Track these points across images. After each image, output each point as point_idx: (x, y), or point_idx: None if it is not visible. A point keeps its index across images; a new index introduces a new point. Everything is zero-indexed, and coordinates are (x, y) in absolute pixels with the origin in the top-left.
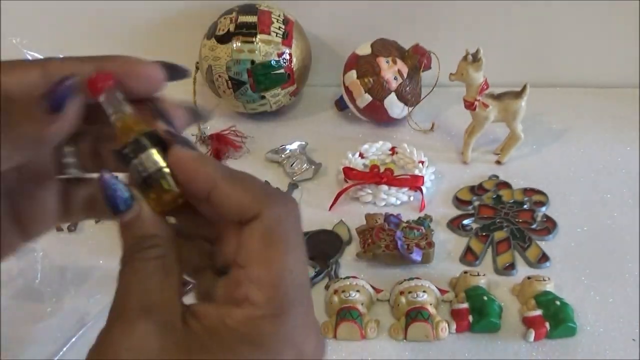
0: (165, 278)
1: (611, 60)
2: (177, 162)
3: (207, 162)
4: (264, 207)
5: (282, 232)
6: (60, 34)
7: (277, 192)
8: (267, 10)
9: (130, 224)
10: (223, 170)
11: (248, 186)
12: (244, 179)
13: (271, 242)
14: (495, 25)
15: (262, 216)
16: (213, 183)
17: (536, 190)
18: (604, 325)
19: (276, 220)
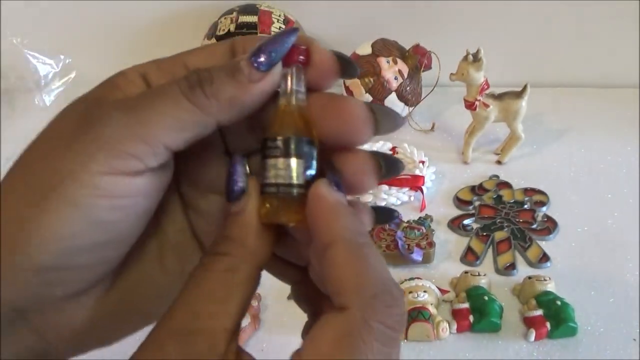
0: (224, 302)
1: (611, 60)
2: (314, 198)
3: (341, 216)
4: (358, 305)
5: (363, 340)
6: (60, 34)
7: (383, 294)
8: (267, 10)
9: (226, 219)
10: (353, 235)
11: (363, 270)
12: (366, 260)
13: (343, 347)
14: (496, 25)
15: (349, 313)
16: (332, 244)
17: (537, 190)
18: (605, 325)
19: (361, 324)
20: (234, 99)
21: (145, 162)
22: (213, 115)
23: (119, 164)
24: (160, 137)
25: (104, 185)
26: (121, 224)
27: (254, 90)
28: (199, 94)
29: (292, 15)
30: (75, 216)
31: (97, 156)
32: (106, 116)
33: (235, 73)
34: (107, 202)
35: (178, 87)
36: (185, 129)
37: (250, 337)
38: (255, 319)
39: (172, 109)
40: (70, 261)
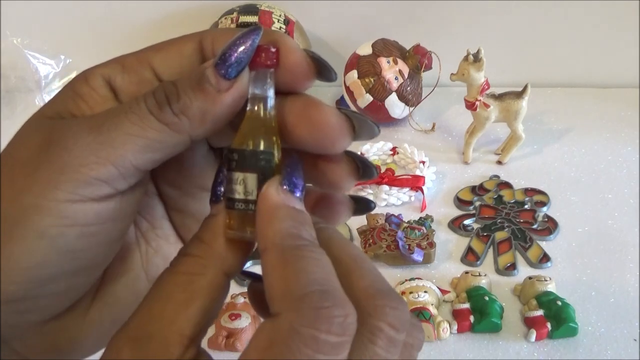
0: (185, 306)
1: (611, 60)
2: (259, 201)
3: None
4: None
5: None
6: (60, 34)
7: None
8: (267, 11)
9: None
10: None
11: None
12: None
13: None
14: (496, 25)
15: (277, 320)
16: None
17: (537, 191)
18: (605, 326)
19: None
20: (205, 114)
21: (115, 186)
22: (185, 133)
23: (86, 191)
24: (129, 159)
25: (71, 214)
26: (92, 251)
27: (224, 100)
28: (167, 111)
29: (292, 15)
30: (42, 246)
31: (63, 184)
32: (70, 139)
33: (202, 84)
34: (75, 230)
35: (145, 105)
36: (157, 149)
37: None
38: (255, 319)
39: (141, 130)
40: (40, 290)
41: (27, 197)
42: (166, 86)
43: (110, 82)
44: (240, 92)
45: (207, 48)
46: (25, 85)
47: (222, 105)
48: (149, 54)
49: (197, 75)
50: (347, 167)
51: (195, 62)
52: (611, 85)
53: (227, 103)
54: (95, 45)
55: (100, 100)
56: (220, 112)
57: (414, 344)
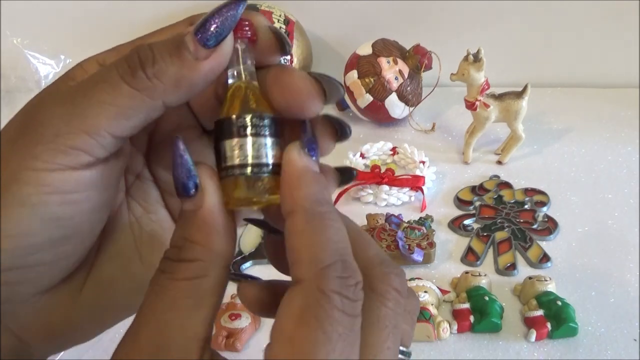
0: (195, 310)
1: (611, 60)
2: (286, 164)
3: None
4: (313, 276)
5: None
6: (60, 34)
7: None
8: (267, 11)
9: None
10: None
11: (317, 240)
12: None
13: (304, 323)
14: (496, 25)
15: (305, 285)
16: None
17: (537, 191)
18: (605, 326)
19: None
20: (181, 79)
21: (93, 153)
22: (158, 98)
23: (64, 160)
24: (104, 127)
25: (51, 182)
26: (76, 219)
27: (202, 68)
28: (141, 76)
29: (292, 15)
30: (26, 214)
31: (40, 154)
32: (45, 113)
33: (180, 50)
34: (57, 198)
35: (117, 71)
36: (130, 116)
37: (251, 338)
38: (255, 319)
39: (112, 97)
40: (29, 259)
41: (6, 169)
42: (141, 50)
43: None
44: (219, 62)
45: None
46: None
47: (199, 73)
48: (143, 39)
49: (176, 41)
50: (325, 129)
51: None
52: (611, 85)
53: (204, 71)
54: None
55: None
56: (196, 80)
57: (412, 310)
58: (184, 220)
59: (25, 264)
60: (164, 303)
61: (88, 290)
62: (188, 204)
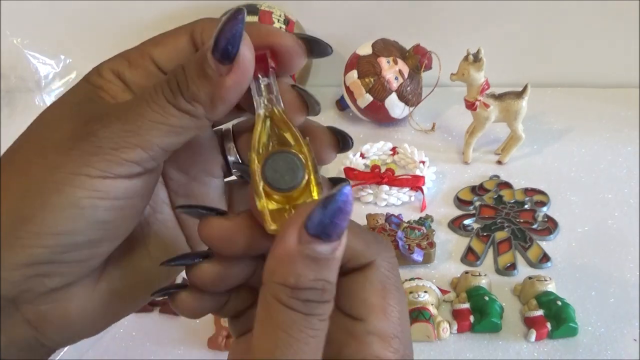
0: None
1: (611, 60)
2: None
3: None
4: (378, 255)
5: (395, 279)
6: (60, 34)
7: (378, 236)
8: (267, 11)
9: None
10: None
11: (357, 232)
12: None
13: (388, 291)
14: (496, 25)
15: (377, 264)
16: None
17: (537, 190)
18: (605, 326)
19: (390, 268)
20: (214, 98)
21: (144, 165)
22: (202, 117)
23: (117, 170)
24: (156, 142)
25: (103, 188)
26: (117, 222)
27: (228, 83)
28: (182, 100)
29: (292, 15)
30: (74, 215)
31: (96, 163)
32: (101, 127)
33: (205, 70)
34: (106, 203)
35: (163, 94)
36: (180, 133)
37: None
38: None
39: (163, 118)
40: (65, 256)
41: (62, 172)
42: (177, 74)
43: (120, 76)
44: (241, 73)
45: (198, 39)
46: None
47: (228, 88)
48: (148, 48)
49: (200, 61)
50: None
51: (189, 53)
52: (611, 85)
53: (231, 85)
54: (95, 45)
55: (118, 90)
56: (226, 95)
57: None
58: (321, 262)
59: (60, 260)
60: (318, 341)
61: (103, 283)
62: (326, 247)
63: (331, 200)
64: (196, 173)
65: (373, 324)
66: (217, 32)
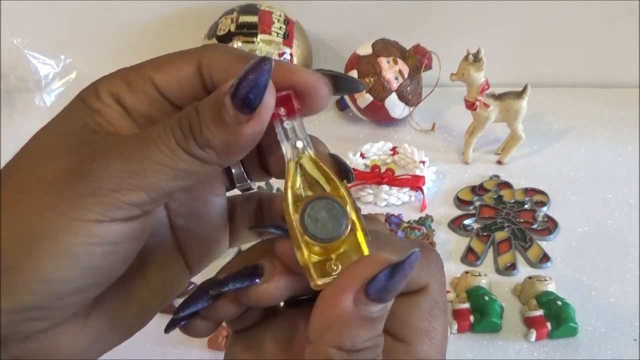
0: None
1: (611, 60)
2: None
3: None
4: (431, 278)
5: (443, 303)
6: (60, 34)
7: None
8: (268, 10)
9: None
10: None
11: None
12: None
13: (436, 316)
14: (496, 25)
15: (429, 288)
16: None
17: (537, 190)
18: (605, 325)
19: (440, 291)
20: (230, 146)
21: (144, 208)
22: (214, 163)
23: (115, 214)
24: (161, 186)
25: (99, 233)
26: (111, 267)
27: (245, 132)
28: (194, 145)
29: (292, 15)
30: (68, 263)
31: (92, 206)
32: (102, 166)
33: (222, 116)
34: (101, 249)
35: (174, 136)
36: (188, 178)
37: None
38: None
39: (172, 162)
40: (56, 302)
41: (56, 214)
42: (190, 116)
43: (119, 100)
44: (262, 122)
45: (205, 71)
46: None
47: (245, 138)
48: (150, 71)
49: (217, 106)
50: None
51: (194, 84)
52: (611, 85)
53: (249, 134)
54: (95, 45)
55: (117, 116)
56: (243, 144)
57: None
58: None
59: (51, 306)
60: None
61: (94, 319)
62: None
63: (400, 269)
64: (199, 192)
65: (417, 348)
66: (239, 78)
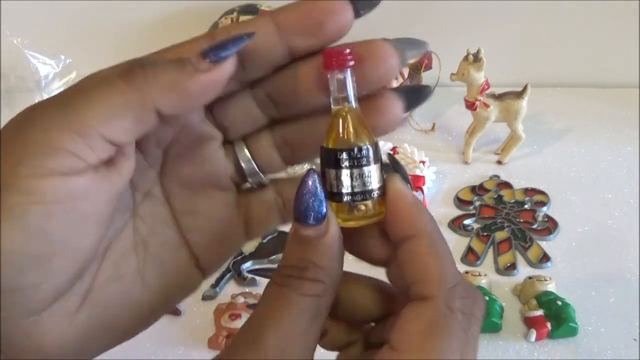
0: (310, 325)
1: (611, 60)
2: (396, 196)
3: (422, 211)
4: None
5: (449, 327)
6: (60, 34)
7: (466, 284)
8: (268, 10)
9: (305, 242)
10: (433, 230)
11: (444, 263)
12: (445, 254)
13: (433, 335)
14: (496, 25)
15: (434, 301)
16: (414, 237)
17: (537, 190)
18: (605, 325)
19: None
20: (175, 85)
21: (83, 157)
22: (149, 98)
23: (51, 163)
24: (94, 126)
25: (36, 189)
26: (65, 233)
27: (199, 79)
28: (138, 73)
29: None
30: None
31: (26, 158)
32: (38, 114)
33: (182, 61)
34: (42, 208)
35: (116, 69)
36: (119, 114)
37: None
38: None
39: (107, 94)
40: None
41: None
42: (146, 55)
43: None
44: (218, 77)
45: None
46: (25, 85)
47: (195, 84)
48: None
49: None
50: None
51: None
52: (611, 85)
53: (201, 83)
54: (95, 45)
55: None
56: (191, 89)
57: None
58: (305, 243)
59: (12, 287)
60: (290, 313)
61: (84, 312)
62: (310, 231)
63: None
64: (201, 186)
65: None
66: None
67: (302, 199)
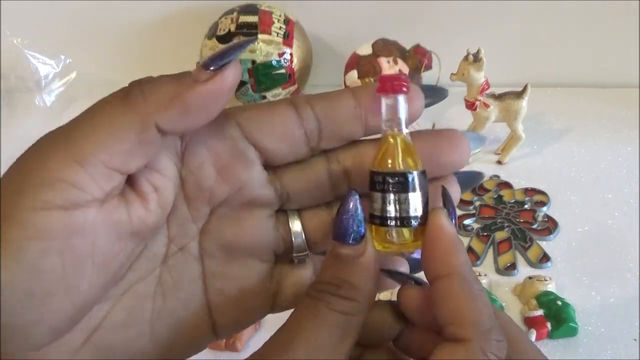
0: (340, 341)
1: (611, 60)
2: (436, 229)
3: (461, 251)
4: (477, 335)
5: None
6: (61, 34)
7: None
8: (268, 10)
9: (343, 261)
10: (468, 271)
11: (478, 305)
12: (480, 296)
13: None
14: (496, 25)
15: (469, 345)
16: (448, 276)
17: (537, 190)
18: (605, 325)
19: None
20: (174, 97)
21: (85, 189)
22: (149, 115)
23: (50, 195)
24: (95, 153)
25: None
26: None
27: (199, 89)
28: (136, 92)
29: (292, 15)
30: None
31: (26, 190)
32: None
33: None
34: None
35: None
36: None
37: (251, 338)
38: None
39: (107, 117)
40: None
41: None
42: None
43: None
44: (219, 87)
45: None
46: (25, 85)
47: (195, 95)
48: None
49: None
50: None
51: None
52: (611, 85)
53: (201, 94)
54: (95, 45)
55: None
56: (190, 100)
57: None
58: (342, 262)
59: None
60: (321, 324)
61: (87, 352)
62: (348, 250)
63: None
64: (240, 252)
65: None
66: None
67: (342, 217)
